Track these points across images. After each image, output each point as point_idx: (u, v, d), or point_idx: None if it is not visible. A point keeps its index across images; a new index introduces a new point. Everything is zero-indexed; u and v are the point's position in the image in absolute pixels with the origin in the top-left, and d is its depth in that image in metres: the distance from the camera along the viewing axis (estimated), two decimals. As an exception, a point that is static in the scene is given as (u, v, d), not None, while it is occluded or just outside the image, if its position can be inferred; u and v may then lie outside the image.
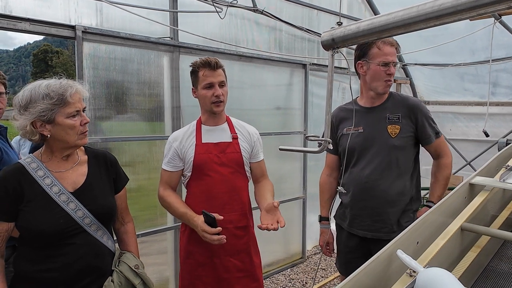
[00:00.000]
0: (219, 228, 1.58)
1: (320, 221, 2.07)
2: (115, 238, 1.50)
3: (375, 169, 1.79)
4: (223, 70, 1.75)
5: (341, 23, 1.01)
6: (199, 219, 1.62)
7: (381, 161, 1.78)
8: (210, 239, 1.58)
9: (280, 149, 1.45)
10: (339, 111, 1.97)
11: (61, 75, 1.32)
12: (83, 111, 1.32)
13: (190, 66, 1.75)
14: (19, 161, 1.31)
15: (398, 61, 1.85)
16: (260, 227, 1.53)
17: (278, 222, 1.53)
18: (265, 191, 1.78)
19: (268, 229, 1.51)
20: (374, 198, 1.79)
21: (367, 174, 1.80)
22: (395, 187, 1.78)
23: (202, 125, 1.79)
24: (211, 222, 1.58)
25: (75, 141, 1.29)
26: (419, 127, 1.80)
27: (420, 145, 1.88)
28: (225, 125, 1.80)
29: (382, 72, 1.75)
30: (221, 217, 1.59)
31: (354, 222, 1.87)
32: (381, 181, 1.78)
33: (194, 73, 1.73)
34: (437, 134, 1.84)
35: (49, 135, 1.25)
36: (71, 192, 1.29)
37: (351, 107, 1.88)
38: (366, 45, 1.77)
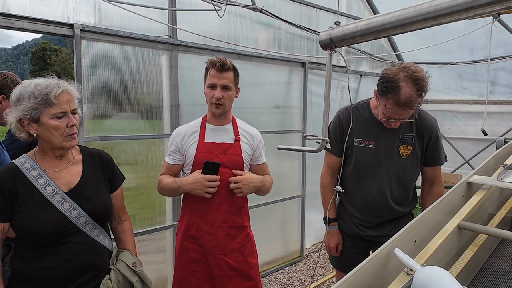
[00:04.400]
0: (218, 176, 1.65)
1: (327, 223, 1.99)
2: (112, 237, 1.50)
3: (383, 189, 1.79)
4: (236, 75, 1.76)
5: (339, 22, 1.01)
6: (196, 173, 1.67)
7: (390, 181, 1.79)
8: (214, 178, 1.64)
9: (279, 148, 1.45)
10: (353, 118, 1.78)
11: (52, 75, 1.31)
12: (74, 112, 1.29)
13: (206, 62, 1.76)
14: (13, 161, 1.31)
15: (409, 117, 1.61)
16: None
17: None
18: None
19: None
20: (383, 213, 1.84)
21: (375, 194, 1.80)
22: (402, 201, 1.84)
23: (207, 123, 1.80)
24: (213, 171, 1.64)
25: (60, 142, 1.27)
26: (429, 147, 1.77)
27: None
28: (230, 126, 1.81)
29: (385, 119, 1.67)
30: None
31: (361, 230, 1.91)
32: (389, 199, 1.80)
33: (205, 70, 1.75)
34: (445, 157, 1.83)
35: (35, 134, 1.25)
36: (65, 192, 1.29)
37: (365, 115, 1.80)
38: (389, 86, 1.55)
